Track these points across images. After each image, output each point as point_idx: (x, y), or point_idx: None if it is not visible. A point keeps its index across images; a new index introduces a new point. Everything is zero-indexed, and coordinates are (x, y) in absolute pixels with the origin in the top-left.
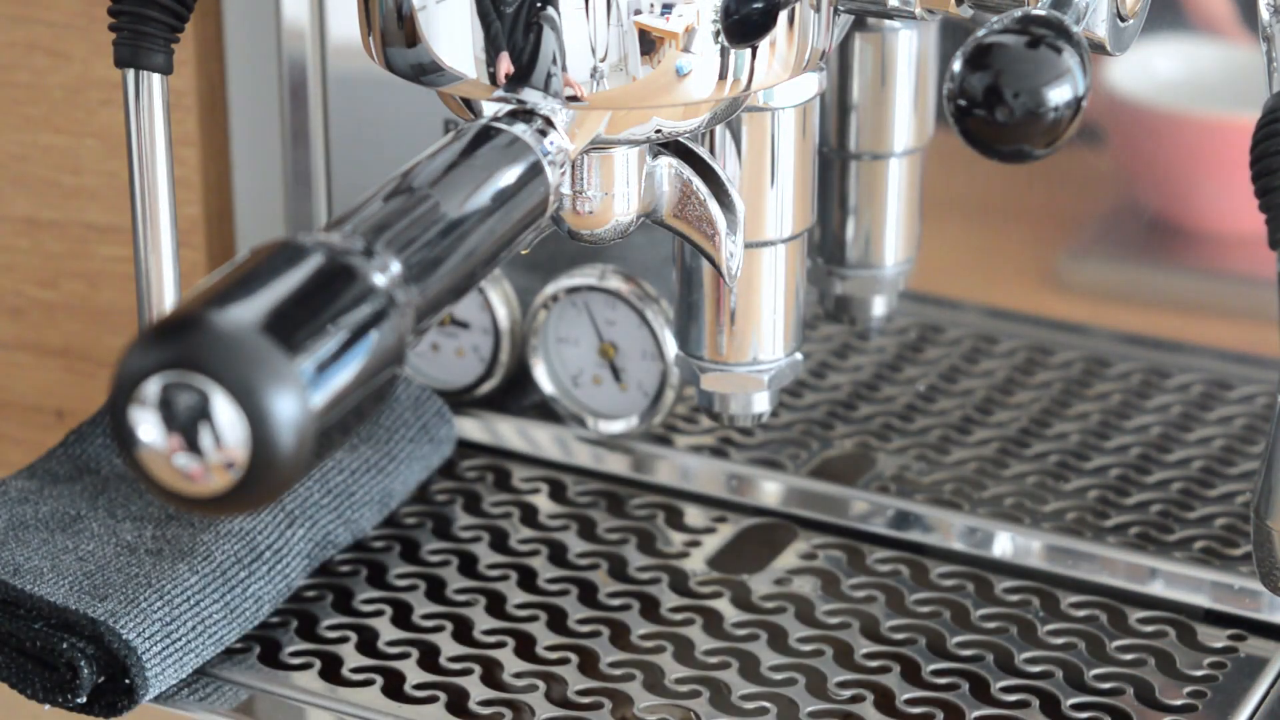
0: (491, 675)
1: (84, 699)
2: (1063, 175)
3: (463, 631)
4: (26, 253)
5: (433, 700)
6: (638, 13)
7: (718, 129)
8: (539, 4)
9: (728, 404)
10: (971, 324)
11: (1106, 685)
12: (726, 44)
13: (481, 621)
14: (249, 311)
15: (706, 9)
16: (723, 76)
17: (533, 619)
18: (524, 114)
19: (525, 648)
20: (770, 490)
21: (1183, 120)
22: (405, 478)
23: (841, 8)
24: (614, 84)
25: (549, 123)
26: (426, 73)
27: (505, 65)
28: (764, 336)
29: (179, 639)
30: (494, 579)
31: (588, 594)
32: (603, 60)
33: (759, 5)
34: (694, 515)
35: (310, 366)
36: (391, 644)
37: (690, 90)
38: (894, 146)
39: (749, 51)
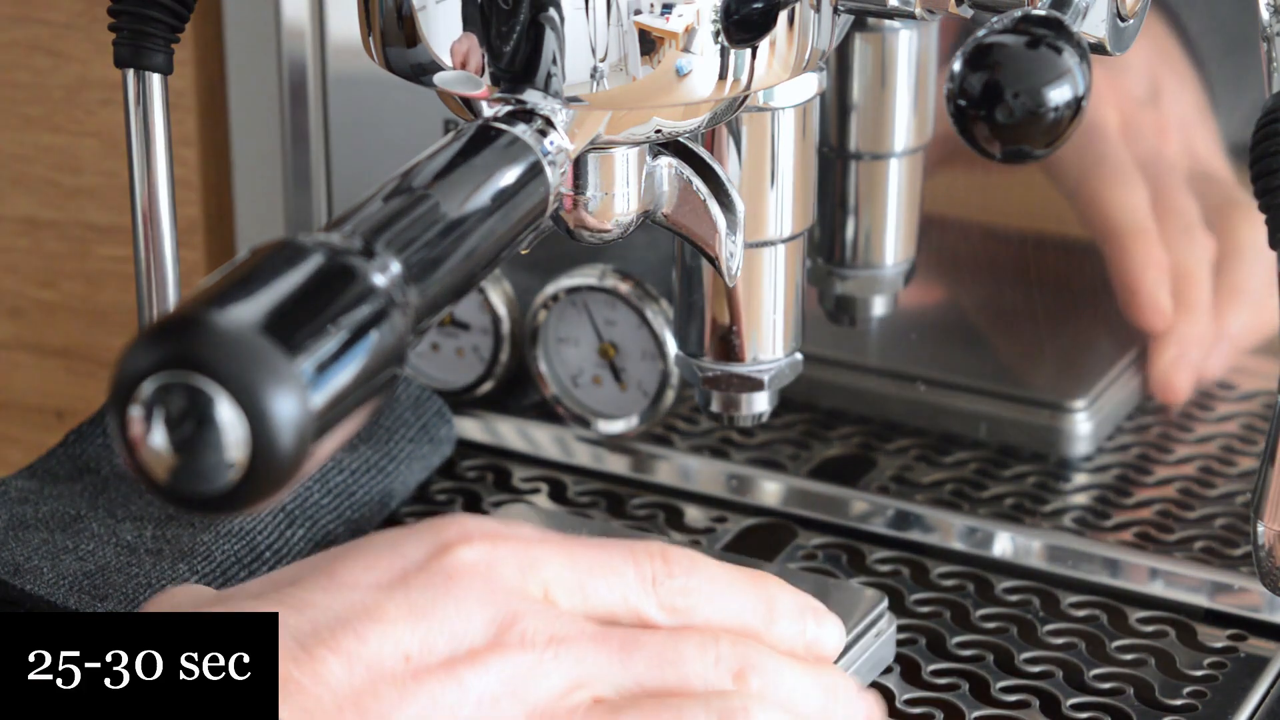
0: None
1: None
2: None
3: None
4: (26, 253)
5: None
6: (638, 13)
7: (718, 129)
8: (539, 4)
9: (728, 404)
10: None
11: (1106, 685)
12: (726, 44)
13: None
14: (249, 311)
15: (706, 9)
16: (723, 76)
17: None
18: (524, 114)
19: None
20: (770, 490)
21: None
22: (405, 478)
23: (841, 8)
24: (614, 84)
25: (549, 123)
26: (426, 73)
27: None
28: (764, 336)
29: None
30: None
31: None
32: (603, 60)
33: (759, 5)
34: (694, 515)
35: (310, 366)
36: None
37: (690, 90)
38: (894, 146)
39: (749, 51)
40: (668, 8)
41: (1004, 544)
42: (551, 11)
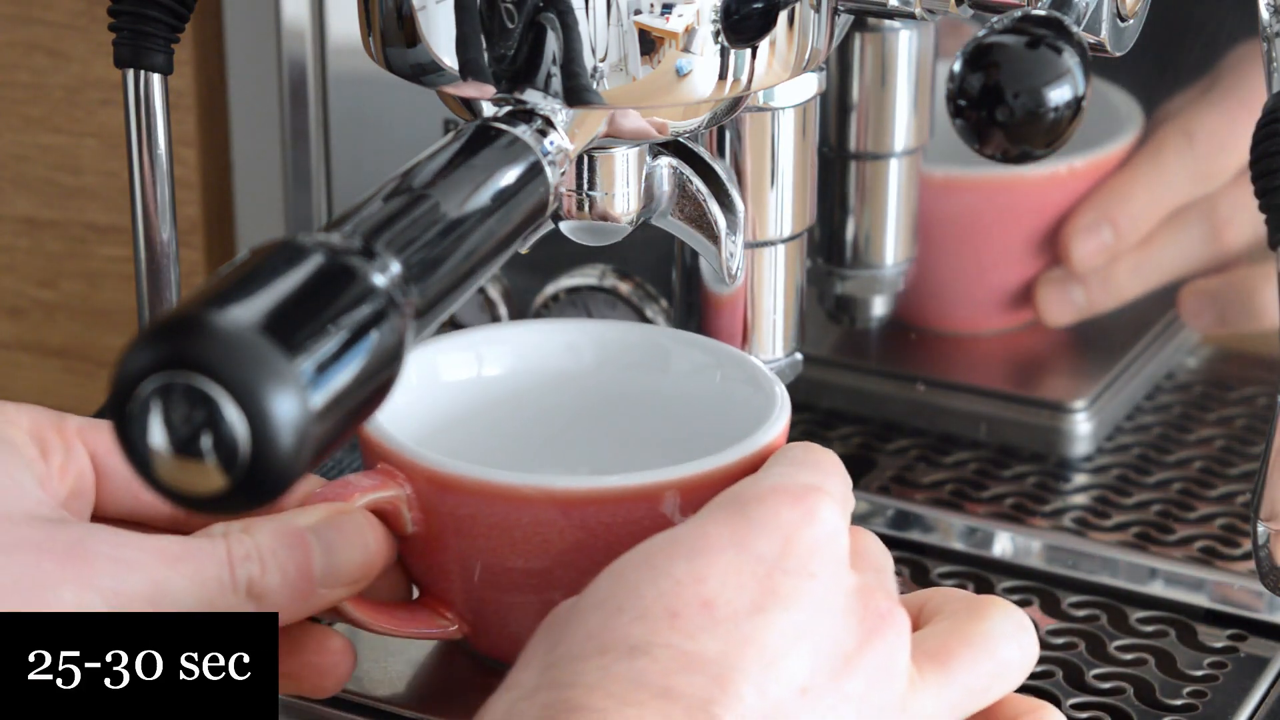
0: None
1: None
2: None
3: None
4: (26, 253)
5: None
6: (638, 13)
7: (718, 129)
8: (539, 4)
9: None
10: None
11: (1106, 685)
12: (727, 44)
13: None
14: (248, 311)
15: (706, 9)
16: (723, 76)
17: None
18: (524, 114)
19: None
20: None
21: None
22: None
23: (841, 8)
24: (614, 84)
25: (549, 123)
26: (426, 73)
27: (505, 65)
28: (764, 336)
29: None
30: None
31: None
32: (603, 60)
33: (759, 5)
34: None
35: (310, 367)
36: None
37: (690, 90)
38: (894, 146)
39: (749, 51)
40: (668, 8)
41: (1004, 544)
42: (551, 12)
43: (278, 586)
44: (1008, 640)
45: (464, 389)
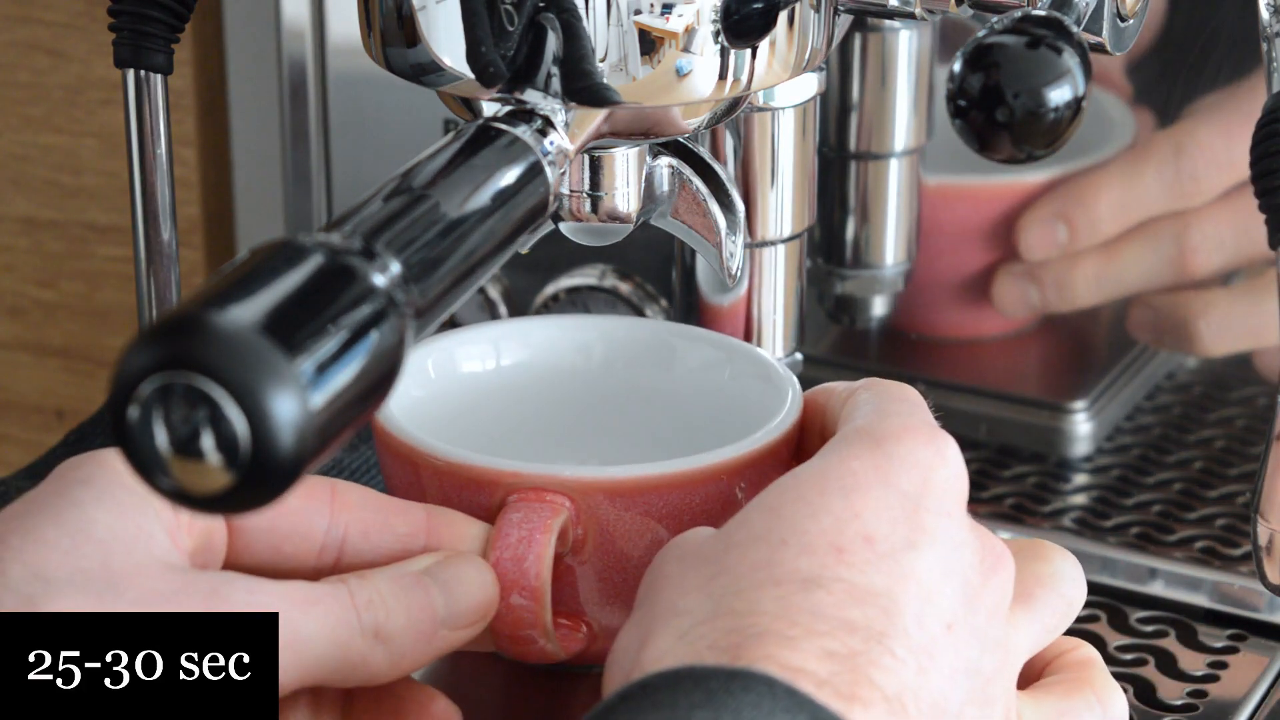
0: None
1: None
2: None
3: None
4: (26, 253)
5: None
6: (638, 13)
7: (718, 129)
8: (539, 4)
9: None
10: None
11: None
12: (726, 44)
13: None
14: (248, 311)
15: (706, 9)
16: (723, 76)
17: None
18: (524, 114)
19: None
20: None
21: None
22: None
23: (841, 8)
24: (614, 84)
25: (549, 123)
26: (426, 73)
27: (505, 65)
28: (764, 337)
29: None
30: None
31: None
32: (603, 60)
33: (759, 5)
34: None
35: (310, 367)
36: None
37: (690, 90)
38: (894, 146)
39: (749, 51)
40: (668, 8)
41: None
42: (551, 12)
43: (403, 628)
44: (1071, 582)
45: (477, 382)
